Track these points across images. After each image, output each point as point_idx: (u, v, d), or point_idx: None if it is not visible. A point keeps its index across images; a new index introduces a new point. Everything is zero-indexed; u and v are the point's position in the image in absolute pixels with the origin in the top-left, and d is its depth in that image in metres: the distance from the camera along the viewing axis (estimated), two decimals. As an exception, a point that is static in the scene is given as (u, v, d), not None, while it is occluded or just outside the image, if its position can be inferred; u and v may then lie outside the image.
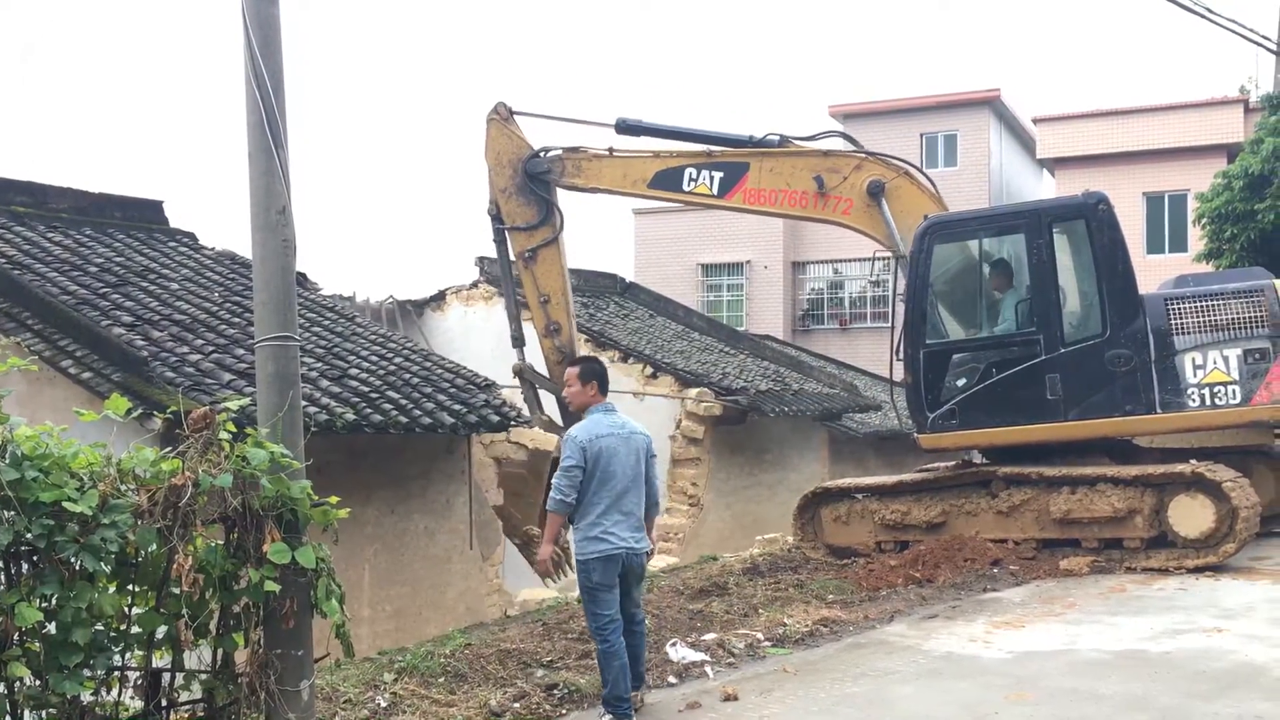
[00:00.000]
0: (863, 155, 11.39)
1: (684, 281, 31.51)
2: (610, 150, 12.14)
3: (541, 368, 12.44)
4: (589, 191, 12.31)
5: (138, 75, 73.02)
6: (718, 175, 11.68)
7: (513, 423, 12.37)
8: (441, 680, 6.49)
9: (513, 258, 12.43)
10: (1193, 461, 9.63)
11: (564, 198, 12.42)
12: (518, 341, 12.83)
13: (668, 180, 11.87)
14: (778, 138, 11.62)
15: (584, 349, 17.63)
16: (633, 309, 21.37)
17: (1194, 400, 9.91)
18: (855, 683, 6.50)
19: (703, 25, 79.28)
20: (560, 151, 12.27)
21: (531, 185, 12.15)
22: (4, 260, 10.72)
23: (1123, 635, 7.34)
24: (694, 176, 11.75)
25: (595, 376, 6.39)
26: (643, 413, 17.10)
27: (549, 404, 12.60)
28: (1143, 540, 9.66)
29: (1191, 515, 9.46)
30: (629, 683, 5.90)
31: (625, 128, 12.08)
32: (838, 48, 72.25)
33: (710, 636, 7.61)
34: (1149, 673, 6.41)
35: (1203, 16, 10.93)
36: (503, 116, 12.20)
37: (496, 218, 12.36)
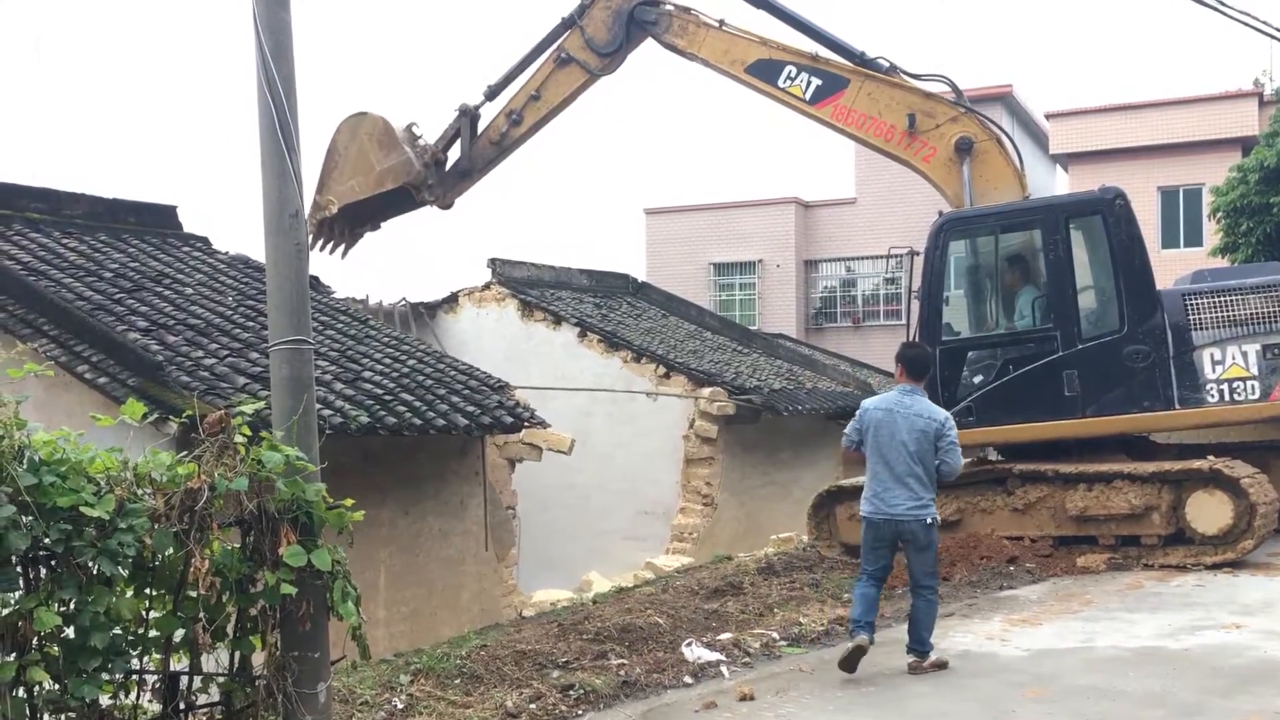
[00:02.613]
0: (963, 109, 11.27)
1: (696, 281, 31.47)
2: (721, 23, 12.15)
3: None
4: (685, 56, 12.32)
5: (150, 81, 73.29)
6: (816, 82, 11.60)
7: (526, 423, 12.37)
8: (457, 681, 6.50)
9: (556, 46, 12.71)
10: (1210, 457, 9.59)
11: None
12: (493, 91, 13.14)
13: (766, 71, 11.81)
14: (887, 63, 11.56)
15: (596, 349, 17.70)
16: (645, 309, 21.36)
17: (1213, 396, 9.86)
18: (871, 681, 6.49)
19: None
20: (672, 7, 12.35)
21: (628, 25, 12.33)
22: (20, 266, 10.78)
23: (1140, 632, 7.31)
24: (792, 75, 11.68)
25: (901, 360, 7.01)
26: (656, 412, 17.11)
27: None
28: (1160, 537, 9.62)
29: (1209, 512, 9.42)
30: (866, 610, 6.64)
31: None
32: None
33: (726, 636, 7.61)
34: (1167, 669, 6.39)
35: (1215, 9, 10.84)
36: None
37: (582, 8, 12.57)
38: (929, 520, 6.59)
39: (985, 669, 6.67)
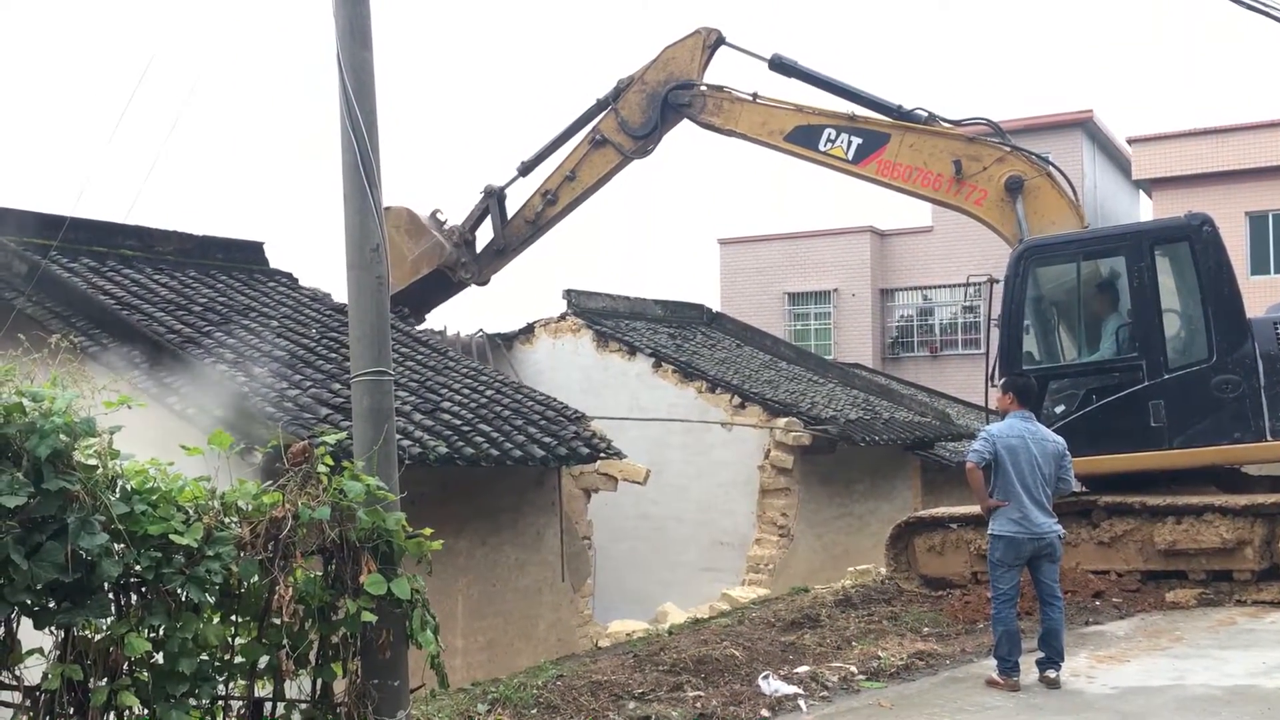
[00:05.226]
0: (1007, 148, 11.23)
1: (770, 311, 31.35)
2: (754, 96, 12.25)
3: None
4: (724, 133, 12.51)
5: (237, 121, 75.47)
6: (856, 141, 11.64)
7: (602, 454, 12.41)
8: (534, 712, 6.51)
9: (590, 127, 13.02)
10: (1305, 489, 9.29)
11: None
12: (526, 168, 13.49)
13: (805, 137, 11.92)
14: (925, 113, 11.55)
15: (671, 380, 17.72)
16: (719, 339, 21.34)
17: (1306, 428, 9.56)
18: (953, 718, 6.37)
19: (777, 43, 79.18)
20: (705, 88, 12.51)
21: (662, 108, 12.59)
22: (114, 301, 11.13)
23: (1233, 670, 7.09)
24: (832, 138, 11.75)
25: (1013, 389, 7.59)
26: (731, 442, 17.05)
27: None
28: (1253, 572, 9.33)
29: (1305, 546, 9.11)
30: (1016, 648, 7.06)
31: (779, 65, 12.17)
32: (927, 69, 71.69)
33: (803, 669, 7.53)
34: (1262, 709, 6.18)
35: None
36: (705, 40, 12.59)
37: (617, 92, 12.84)
38: (1062, 533, 7.32)
39: (1070, 706, 6.51)
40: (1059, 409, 10.24)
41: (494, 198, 13.92)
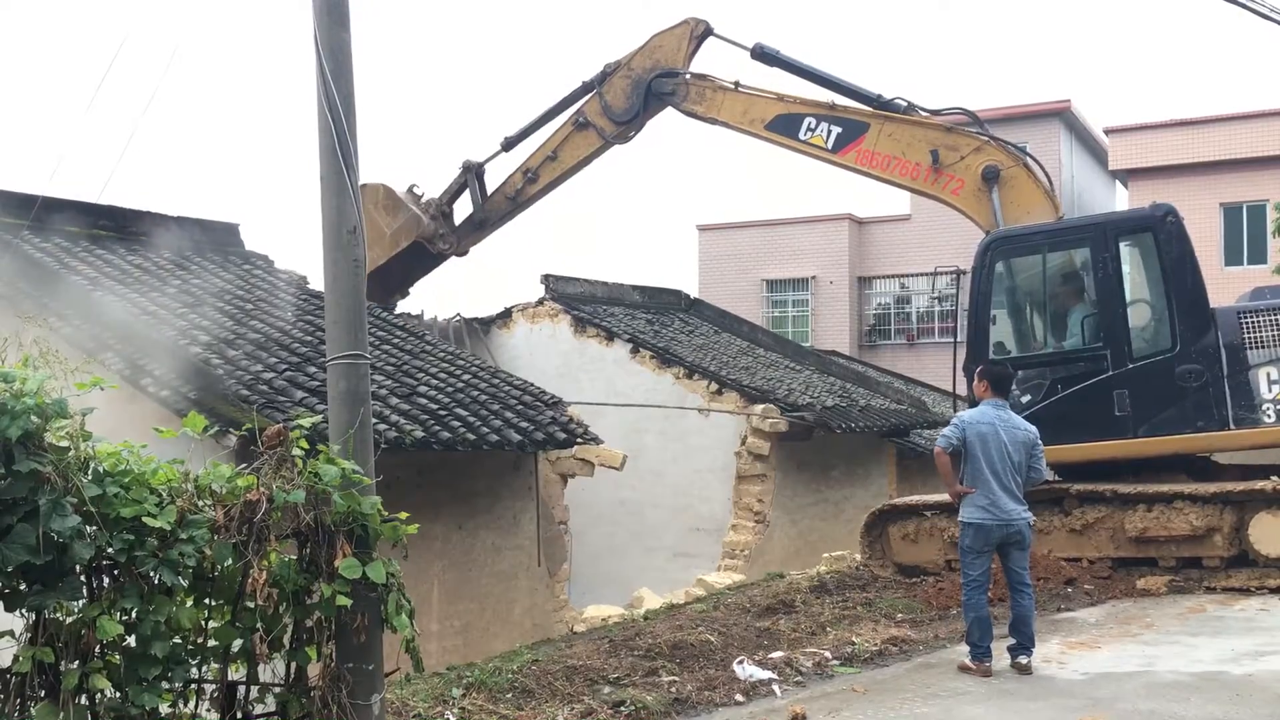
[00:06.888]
0: (984, 138, 11.30)
1: (749, 297, 31.40)
2: (736, 84, 12.34)
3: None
4: (707, 121, 12.69)
5: (213, 102, 74.77)
6: (836, 130, 11.74)
7: (579, 439, 12.41)
8: (509, 696, 6.52)
9: (575, 109, 13.25)
10: (1274, 478, 9.40)
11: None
12: (510, 143, 13.74)
13: (785, 125, 12.03)
14: (904, 103, 11.62)
15: (648, 366, 17.73)
16: (697, 325, 21.35)
17: (1269, 416, 9.67)
18: (926, 703, 6.42)
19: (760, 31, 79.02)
20: (689, 76, 12.60)
21: (646, 95, 12.74)
22: (86, 282, 11.03)
23: (1202, 657, 7.17)
24: (812, 126, 11.87)
25: (989, 376, 7.52)
26: (708, 429, 17.08)
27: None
28: (1222, 559, 9.44)
29: (1273, 534, 9.24)
30: (987, 634, 7.10)
31: (761, 54, 12.29)
32: (908, 58, 71.79)
33: (778, 655, 7.57)
34: (1230, 695, 6.26)
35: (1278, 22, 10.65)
36: (693, 31, 12.74)
37: (603, 76, 13.03)
38: (1031, 521, 7.28)
39: (1041, 692, 6.58)
40: (1025, 398, 10.31)
41: (473, 173, 14.16)
